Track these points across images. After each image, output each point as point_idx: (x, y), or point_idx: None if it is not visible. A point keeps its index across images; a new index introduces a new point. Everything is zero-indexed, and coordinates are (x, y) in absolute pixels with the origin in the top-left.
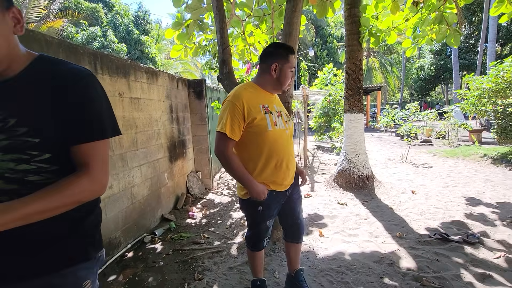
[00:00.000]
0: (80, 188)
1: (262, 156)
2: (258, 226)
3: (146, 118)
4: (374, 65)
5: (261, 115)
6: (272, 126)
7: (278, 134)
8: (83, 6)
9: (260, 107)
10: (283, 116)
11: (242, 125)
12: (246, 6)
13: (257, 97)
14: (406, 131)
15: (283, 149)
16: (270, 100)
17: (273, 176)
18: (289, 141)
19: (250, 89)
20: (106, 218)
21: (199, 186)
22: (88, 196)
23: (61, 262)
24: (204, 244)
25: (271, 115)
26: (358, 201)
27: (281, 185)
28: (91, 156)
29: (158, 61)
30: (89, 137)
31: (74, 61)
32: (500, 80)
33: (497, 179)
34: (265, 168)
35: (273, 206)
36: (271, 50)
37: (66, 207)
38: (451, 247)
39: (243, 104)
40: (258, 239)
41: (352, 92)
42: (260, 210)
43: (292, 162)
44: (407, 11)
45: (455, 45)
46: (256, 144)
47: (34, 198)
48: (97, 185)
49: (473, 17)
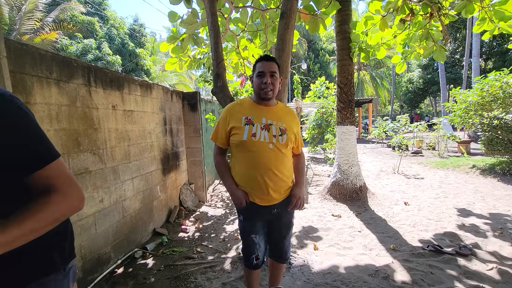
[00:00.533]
0: (54, 209)
1: (240, 164)
2: (244, 238)
3: (139, 131)
4: (365, 78)
5: (239, 125)
6: (248, 136)
7: (255, 145)
8: (78, 19)
9: (242, 118)
10: (273, 130)
11: (225, 133)
12: (240, 21)
13: (242, 109)
14: (397, 143)
15: (260, 161)
16: (260, 113)
17: (248, 186)
18: (272, 156)
19: (239, 103)
20: (96, 233)
21: (193, 198)
22: (66, 213)
23: (26, 275)
24: (197, 259)
25: (251, 126)
26: (352, 213)
27: (260, 198)
28: (52, 178)
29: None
30: (41, 162)
31: (67, 74)
32: (485, 94)
33: (486, 190)
34: (241, 177)
35: (254, 218)
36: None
37: (40, 231)
38: (444, 259)
39: (227, 114)
40: (247, 253)
41: (344, 105)
42: (242, 220)
43: (273, 178)
44: (395, 28)
45: (441, 60)
46: (236, 152)
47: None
48: (70, 200)
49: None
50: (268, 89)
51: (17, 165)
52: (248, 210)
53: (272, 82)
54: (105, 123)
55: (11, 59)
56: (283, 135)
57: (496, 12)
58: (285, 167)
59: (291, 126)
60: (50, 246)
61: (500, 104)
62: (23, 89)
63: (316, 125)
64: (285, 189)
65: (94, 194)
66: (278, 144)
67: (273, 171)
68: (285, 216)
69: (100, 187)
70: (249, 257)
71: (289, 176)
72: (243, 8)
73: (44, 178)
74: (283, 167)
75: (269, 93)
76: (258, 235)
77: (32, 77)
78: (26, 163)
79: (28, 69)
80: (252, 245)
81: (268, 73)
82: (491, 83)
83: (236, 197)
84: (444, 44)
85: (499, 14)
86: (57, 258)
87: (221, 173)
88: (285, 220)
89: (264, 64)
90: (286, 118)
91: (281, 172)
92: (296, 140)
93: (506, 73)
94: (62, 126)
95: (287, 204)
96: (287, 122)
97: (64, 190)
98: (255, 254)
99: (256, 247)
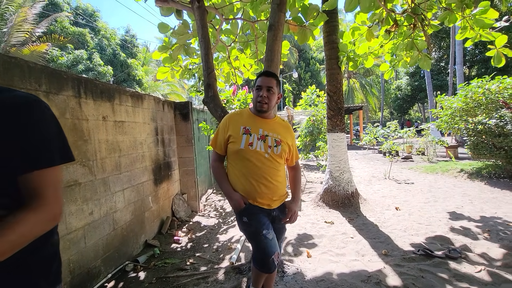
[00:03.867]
0: (30, 224)
1: (236, 171)
2: (255, 238)
3: (130, 141)
4: (355, 86)
5: (237, 134)
6: (245, 145)
7: (251, 154)
8: (69, 31)
9: (241, 128)
10: (269, 141)
11: (223, 140)
12: (231, 32)
13: (241, 119)
14: (388, 149)
15: (256, 169)
16: (258, 124)
17: (243, 193)
18: (267, 164)
19: (239, 113)
20: (85, 247)
21: (185, 208)
22: (42, 229)
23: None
24: (190, 270)
25: (249, 136)
26: (345, 219)
27: (257, 202)
28: (40, 186)
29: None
30: (34, 164)
31: (57, 86)
32: (469, 100)
33: (474, 193)
34: (237, 183)
35: (258, 213)
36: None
37: (20, 245)
38: (434, 262)
39: (227, 122)
40: (265, 255)
41: (334, 113)
42: (246, 221)
43: (268, 186)
44: (382, 38)
45: (427, 68)
46: (233, 159)
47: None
48: (48, 215)
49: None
50: (263, 102)
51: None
52: (250, 209)
53: (268, 96)
54: (95, 134)
55: (0, 72)
56: (278, 146)
57: (477, 21)
58: (279, 176)
59: (286, 138)
60: (36, 272)
61: (484, 109)
62: None
63: (308, 132)
64: (281, 195)
65: (83, 206)
66: (273, 154)
67: (268, 178)
68: (280, 221)
69: (90, 199)
70: (269, 259)
71: (283, 184)
72: (234, 20)
73: (32, 183)
74: (277, 176)
75: (264, 106)
76: (270, 230)
77: (20, 90)
78: (21, 160)
79: (16, 82)
80: (268, 243)
81: (265, 88)
82: (474, 89)
83: (234, 200)
84: (429, 53)
85: (480, 22)
86: (43, 282)
87: (218, 178)
88: (280, 224)
89: (263, 79)
90: (281, 131)
91: (275, 180)
92: (290, 151)
93: (487, 80)
94: None
95: (283, 210)
96: (282, 134)
97: (46, 205)
98: (274, 253)
99: (271, 244)
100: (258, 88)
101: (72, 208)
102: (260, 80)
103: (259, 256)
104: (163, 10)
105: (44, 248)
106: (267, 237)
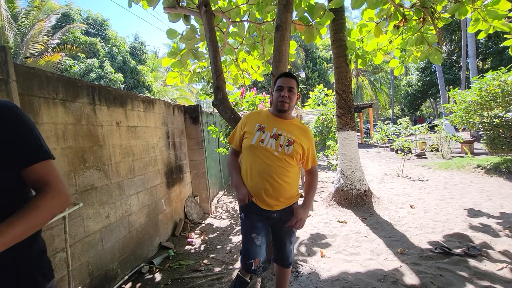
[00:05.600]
0: (52, 203)
1: (246, 166)
2: (244, 236)
3: (143, 145)
4: (363, 84)
5: (252, 130)
6: (256, 141)
7: (260, 151)
8: (81, 40)
9: (256, 125)
10: (281, 140)
11: (239, 136)
12: (238, 35)
13: (259, 117)
14: (400, 146)
15: (264, 166)
16: (273, 123)
17: (251, 188)
18: (276, 163)
19: (258, 112)
20: (102, 249)
21: (197, 211)
22: (59, 208)
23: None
24: (204, 271)
25: (262, 133)
26: (358, 218)
27: (260, 201)
28: (48, 174)
29: (154, 89)
30: (36, 158)
31: (73, 94)
32: (484, 93)
33: (492, 189)
34: (246, 178)
35: (255, 217)
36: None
37: (43, 223)
38: (453, 260)
39: (245, 120)
40: (244, 256)
41: (343, 111)
42: (243, 217)
43: (273, 184)
44: (390, 34)
45: (438, 63)
46: (245, 155)
47: (16, 220)
48: (63, 196)
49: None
50: (285, 101)
51: (18, 157)
52: (249, 208)
53: (289, 96)
54: (109, 140)
55: (20, 82)
56: (290, 146)
57: (489, 12)
58: (288, 176)
59: (301, 140)
60: (31, 265)
61: (500, 102)
62: (31, 110)
63: (317, 132)
64: (287, 197)
65: (100, 210)
66: (283, 153)
67: (274, 177)
68: (285, 224)
69: (106, 203)
70: (248, 261)
71: (291, 185)
72: (240, 23)
73: (40, 173)
74: (286, 176)
75: (285, 105)
76: (260, 236)
77: (39, 99)
78: (25, 156)
79: (35, 91)
80: (253, 247)
81: (286, 88)
82: (489, 82)
83: (240, 193)
84: (440, 47)
85: (492, 13)
86: (39, 277)
87: (230, 170)
88: (283, 228)
89: (284, 80)
90: (297, 133)
91: (282, 180)
92: (305, 154)
93: (503, 72)
94: (68, 144)
95: (289, 213)
96: (297, 136)
97: (58, 188)
98: (255, 258)
99: (257, 249)
100: (279, 88)
101: (89, 212)
102: (281, 81)
103: (241, 253)
104: (171, 16)
105: (36, 243)
106: (254, 241)
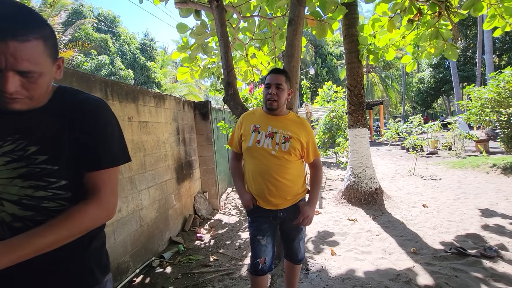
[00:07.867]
0: (89, 216)
1: (248, 168)
2: (251, 240)
3: (154, 141)
4: (374, 80)
5: (248, 132)
6: (253, 143)
7: (258, 152)
8: (92, 37)
9: (251, 126)
10: (277, 138)
11: (237, 139)
12: (248, 30)
13: (254, 118)
14: (412, 144)
15: (262, 166)
16: (268, 122)
17: (255, 190)
18: (274, 162)
19: (252, 112)
20: (115, 242)
21: (207, 206)
22: (97, 223)
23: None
24: (214, 266)
25: (257, 133)
26: (368, 216)
27: (264, 202)
28: (101, 183)
29: (164, 85)
30: (100, 165)
31: (86, 88)
32: (501, 90)
33: (509, 189)
34: (249, 181)
35: (261, 220)
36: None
37: (75, 236)
38: (468, 261)
39: (241, 122)
40: (253, 256)
41: (355, 108)
42: (250, 221)
43: (274, 183)
44: (404, 29)
45: (453, 58)
46: (246, 157)
47: (46, 230)
48: (104, 211)
49: (468, 30)
50: (272, 99)
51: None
52: (255, 212)
53: (277, 93)
54: None
55: None
56: (286, 142)
57: (506, 9)
58: (288, 173)
59: (298, 134)
60: (90, 259)
61: None
62: None
63: (326, 129)
64: (292, 195)
65: None
66: (280, 151)
67: (274, 176)
68: (292, 221)
69: (118, 197)
70: (254, 261)
71: (295, 182)
72: (251, 18)
73: (94, 180)
74: (286, 174)
75: (274, 103)
76: (265, 237)
77: None
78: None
79: None
80: (258, 247)
81: (274, 85)
82: (507, 78)
83: (244, 199)
84: (455, 42)
85: (510, 10)
86: (96, 271)
87: (233, 176)
88: (291, 225)
89: (271, 77)
90: (294, 127)
91: (284, 178)
92: (304, 148)
93: None
94: None
95: (295, 210)
96: (294, 131)
97: (103, 201)
98: (260, 258)
99: (261, 249)
100: (267, 86)
101: None
102: (268, 77)
103: (251, 258)
104: (182, 11)
105: (98, 238)
106: (260, 242)
